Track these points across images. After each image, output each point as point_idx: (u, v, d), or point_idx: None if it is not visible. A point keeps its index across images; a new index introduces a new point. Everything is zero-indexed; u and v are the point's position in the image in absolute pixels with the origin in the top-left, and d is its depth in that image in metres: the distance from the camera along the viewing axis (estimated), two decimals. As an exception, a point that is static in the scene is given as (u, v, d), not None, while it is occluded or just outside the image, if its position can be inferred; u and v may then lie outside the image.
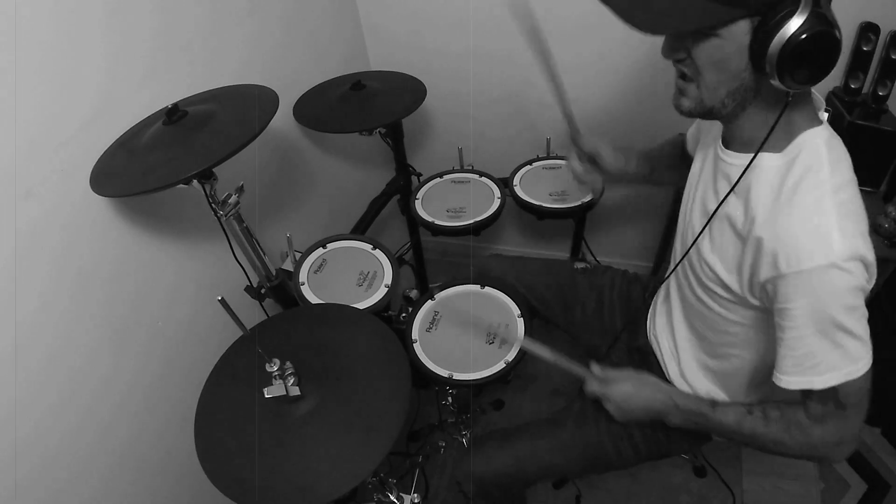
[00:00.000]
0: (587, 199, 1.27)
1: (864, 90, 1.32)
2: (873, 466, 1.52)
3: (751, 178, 0.73)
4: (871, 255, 0.65)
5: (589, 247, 1.70)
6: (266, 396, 0.78)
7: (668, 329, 1.01)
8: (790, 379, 0.71)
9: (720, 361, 0.91)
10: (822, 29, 0.58)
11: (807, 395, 0.73)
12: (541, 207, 1.37)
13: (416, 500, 1.03)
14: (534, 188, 1.43)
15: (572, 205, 1.36)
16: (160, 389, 1.08)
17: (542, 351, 0.93)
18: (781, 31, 0.58)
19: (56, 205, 0.83)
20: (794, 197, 0.67)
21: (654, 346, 1.05)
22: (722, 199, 0.77)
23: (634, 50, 1.41)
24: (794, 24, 0.58)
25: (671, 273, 0.95)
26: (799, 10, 0.57)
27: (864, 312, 0.67)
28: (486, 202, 1.39)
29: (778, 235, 0.67)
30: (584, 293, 1.20)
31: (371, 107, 1.32)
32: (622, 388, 0.90)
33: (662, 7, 0.63)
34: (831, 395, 0.70)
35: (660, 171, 1.09)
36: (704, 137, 0.91)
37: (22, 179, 0.78)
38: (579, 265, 1.28)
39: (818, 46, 0.59)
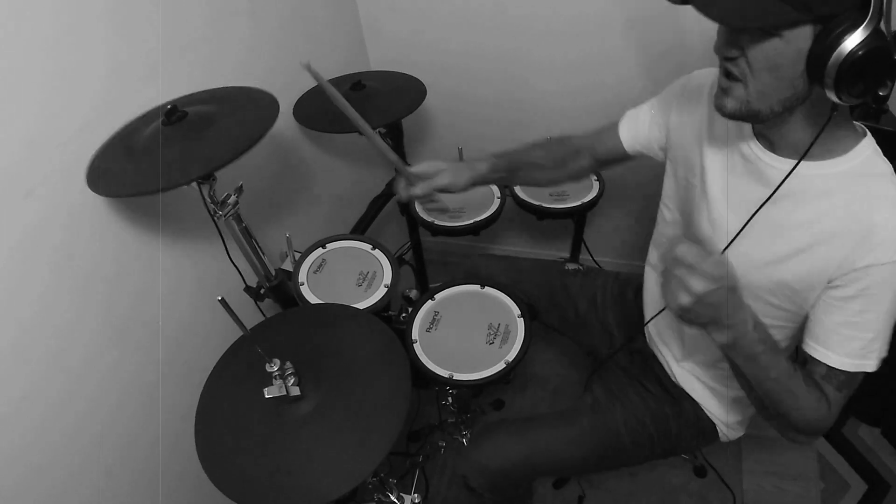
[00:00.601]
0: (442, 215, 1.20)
1: (864, 90, 1.32)
2: (873, 466, 1.52)
3: (827, 186, 0.71)
4: None
5: (588, 247, 1.70)
6: (266, 397, 0.77)
7: (676, 335, 1.01)
8: (845, 361, 0.72)
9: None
10: (883, 45, 0.57)
11: (830, 375, 0.73)
12: (541, 207, 1.37)
13: (416, 500, 1.03)
14: (534, 188, 1.43)
15: (572, 205, 1.36)
16: (160, 389, 1.08)
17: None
18: (844, 42, 0.57)
19: (56, 205, 0.83)
20: (888, 195, 0.68)
21: (656, 350, 1.05)
22: (761, 204, 0.74)
23: (635, 52, 1.41)
24: (857, 37, 0.57)
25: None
26: (864, 24, 0.57)
27: None
28: (486, 202, 1.39)
29: (882, 228, 0.67)
30: (575, 295, 1.20)
31: (371, 107, 1.32)
32: (715, 286, 0.65)
33: (737, 3, 0.62)
34: (849, 379, 0.73)
35: (527, 172, 1.05)
36: (707, 131, 0.85)
37: (22, 179, 0.78)
38: (571, 267, 1.28)
39: (877, 63, 0.58)
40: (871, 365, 0.72)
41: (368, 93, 1.33)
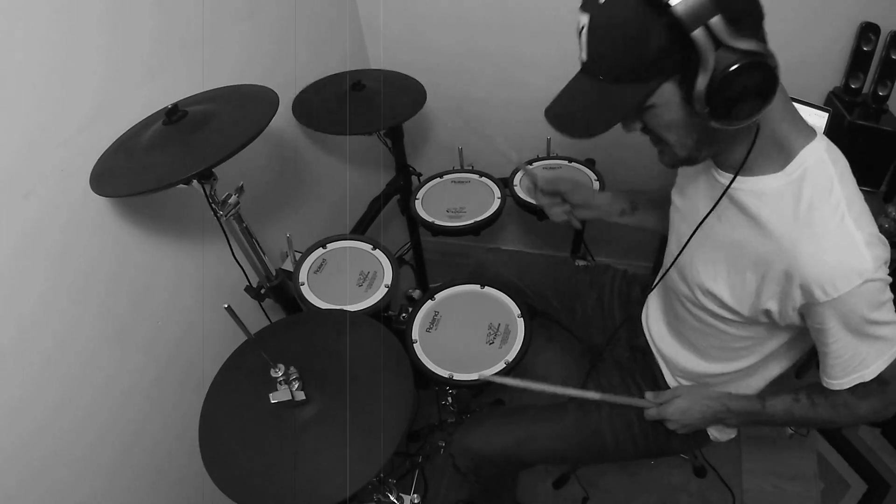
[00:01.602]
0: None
1: (865, 90, 1.32)
2: (873, 466, 1.52)
3: (759, 205, 0.72)
4: (887, 249, 0.67)
5: (588, 247, 1.70)
6: (272, 402, 0.78)
7: (667, 338, 1.02)
8: (842, 381, 0.74)
9: (725, 364, 0.91)
10: (733, 62, 0.56)
11: (848, 390, 0.75)
12: (541, 207, 1.37)
13: (416, 501, 1.02)
14: (533, 189, 1.42)
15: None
16: (160, 389, 1.08)
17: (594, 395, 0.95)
18: (697, 80, 0.58)
19: (56, 205, 0.83)
20: (815, 222, 0.67)
21: (653, 349, 1.05)
22: (705, 215, 0.79)
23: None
24: (703, 69, 0.57)
25: (657, 283, 0.98)
26: (701, 53, 0.56)
27: (891, 296, 0.69)
28: (486, 202, 1.39)
29: (808, 267, 0.67)
30: (584, 291, 1.20)
31: (371, 109, 1.32)
32: (678, 405, 0.91)
33: (587, 114, 0.66)
34: (877, 382, 0.73)
35: (643, 212, 1.09)
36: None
37: (22, 179, 0.78)
38: (580, 262, 1.29)
39: (737, 80, 0.57)
40: (867, 374, 0.72)
41: (368, 94, 1.33)
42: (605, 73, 0.63)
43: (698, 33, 0.55)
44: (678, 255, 0.86)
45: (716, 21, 0.55)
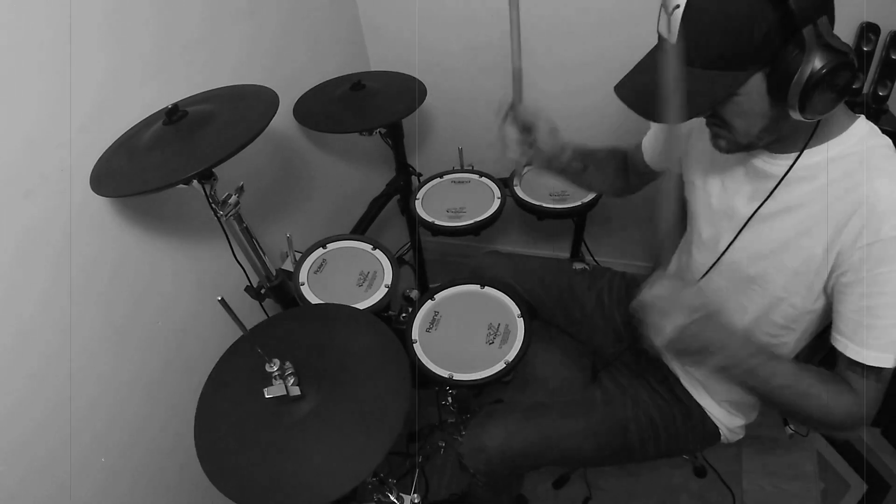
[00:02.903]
0: (521, 170, 1.19)
1: (865, 90, 1.32)
2: (873, 466, 1.52)
3: (816, 171, 0.71)
4: None
5: (588, 247, 1.70)
6: (266, 397, 0.78)
7: None
8: (869, 353, 0.69)
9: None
10: (834, 62, 0.58)
11: (852, 366, 0.71)
12: (541, 207, 1.37)
13: (416, 500, 1.02)
14: (534, 188, 1.43)
15: (572, 205, 1.36)
16: (160, 389, 1.08)
17: None
18: (797, 75, 0.59)
19: (56, 205, 0.83)
20: (884, 163, 0.67)
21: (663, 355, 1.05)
22: (764, 198, 0.76)
23: (636, 51, 1.41)
24: (806, 64, 0.58)
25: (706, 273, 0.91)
26: (806, 49, 0.58)
27: None
28: (486, 202, 1.39)
29: (882, 199, 0.66)
30: (582, 294, 1.20)
31: (371, 107, 1.32)
32: (695, 316, 0.67)
33: (678, 98, 0.62)
34: (877, 370, 0.70)
35: (591, 172, 1.06)
36: (698, 149, 0.89)
37: (22, 179, 0.78)
38: (578, 266, 1.28)
39: (833, 78, 0.59)
40: (891, 359, 0.68)
41: (368, 93, 1.33)
42: (700, 58, 0.61)
43: (808, 30, 0.57)
44: (727, 248, 0.82)
45: (823, 20, 0.57)
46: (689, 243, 0.97)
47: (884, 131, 0.71)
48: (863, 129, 0.70)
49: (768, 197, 0.76)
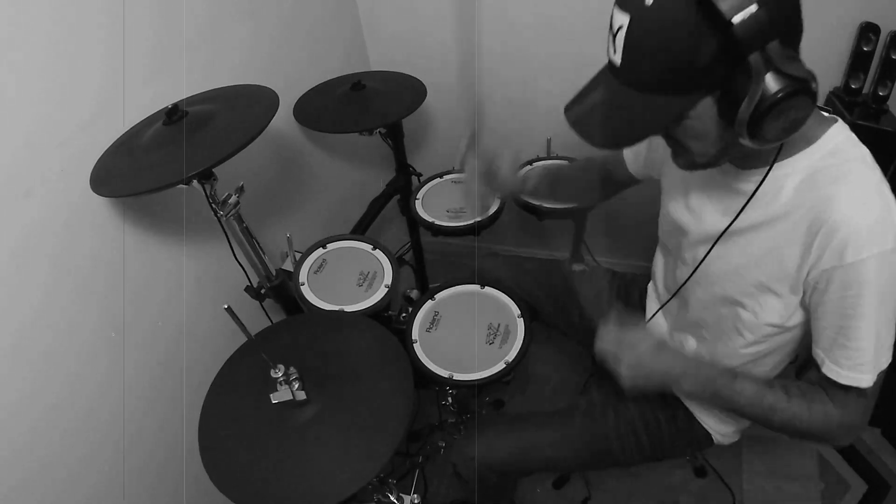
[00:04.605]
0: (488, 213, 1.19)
1: (865, 90, 1.32)
2: (873, 466, 1.52)
3: (789, 181, 0.69)
4: None
5: (588, 247, 1.69)
6: (273, 402, 0.78)
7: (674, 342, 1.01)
8: (845, 374, 0.69)
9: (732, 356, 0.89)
10: (785, 90, 0.54)
11: (828, 380, 0.72)
12: (541, 207, 1.37)
13: (416, 501, 1.02)
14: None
15: (573, 205, 1.36)
16: (160, 389, 1.08)
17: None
18: (744, 102, 0.55)
19: (56, 205, 0.83)
20: (854, 181, 0.65)
21: None
22: (738, 210, 0.74)
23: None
24: (754, 92, 0.54)
25: (663, 306, 0.97)
26: (753, 76, 0.54)
27: None
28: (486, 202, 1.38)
29: (847, 221, 0.64)
30: (581, 295, 1.20)
31: (371, 107, 1.32)
32: (640, 350, 0.79)
33: (614, 123, 0.62)
34: (855, 389, 0.70)
35: (560, 191, 1.11)
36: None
37: (22, 179, 0.78)
38: (577, 267, 1.28)
39: (784, 106, 0.55)
40: (865, 379, 0.68)
41: (368, 93, 1.33)
42: (641, 82, 0.59)
43: (754, 56, 0.53)
44: (701, 261, 0.82)
45: (773, 45, 0.53)
46: (667, 254, 0.99)
47: (884, 131, 0.70)
48: (836, 138, 0.67)
49: (738, 214, 0.74)
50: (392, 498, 1.03)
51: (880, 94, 1.28)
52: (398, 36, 1.64)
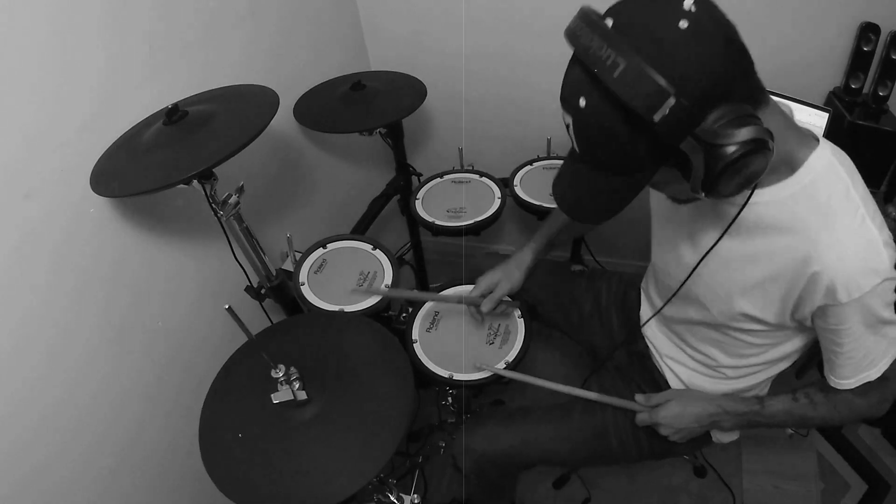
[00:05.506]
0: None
1: (865, 90, 1.32)
2: (873, 466, 1.52)
3: (773, 213, 0.70)
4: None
5: (588, 247, 1.70)
6: (274, 402, 0.78)
7: (669, 346, 1.01)
8: (850, 381, 0.75)
9: (729, 370, 0.92)
10: (725, 161, 0.54)
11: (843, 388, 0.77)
12: (541, 207, 1.37)
13: (416, 501, 1.03)
14: (534, 188, 1.42)
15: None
16: (160, 389, 1.08)
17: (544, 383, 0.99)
18: (693, 172, 0.57)
19: (56, 205, 0.83)
20: (837, 225, 0.66)
21: (653, 352, 1.05)
22: (717, 238, 0.75)
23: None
24: (697, 166, 0.56)
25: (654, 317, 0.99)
26: (691, 156, 0.56)
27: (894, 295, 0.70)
28: (486, 202, 1.38)
29: (832, 267, 0.66)
30: (580, 295, 1.20)
31: (371, 107, 1.32)
32: (670, 409, 0.91)
33: (591, 200, 0.67)
34: (865, 384, 0.75)
35: (561, 241, 1.19)
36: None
37: (22, 179, 0.78)
38: (576, 268, 1.28)
39: (733, 169, 0.55)
40: (873, 374, 0.74)
41: (368, 93, 1.33)
42: (602, 165, 0.62)
43: (686, 143, 0.55)
44: (685, 281, 0.83)
45: (702, 128, 0.53)
46: (655, 270, 1.00)
47: (884, 131, 0.70)
48: (819, 164, 0.67)
49: (718, 240, 0.75)
50: (392, 498, 1.03)
51: (880, 94, 1.28)
52: (398, 36, 1.64)
